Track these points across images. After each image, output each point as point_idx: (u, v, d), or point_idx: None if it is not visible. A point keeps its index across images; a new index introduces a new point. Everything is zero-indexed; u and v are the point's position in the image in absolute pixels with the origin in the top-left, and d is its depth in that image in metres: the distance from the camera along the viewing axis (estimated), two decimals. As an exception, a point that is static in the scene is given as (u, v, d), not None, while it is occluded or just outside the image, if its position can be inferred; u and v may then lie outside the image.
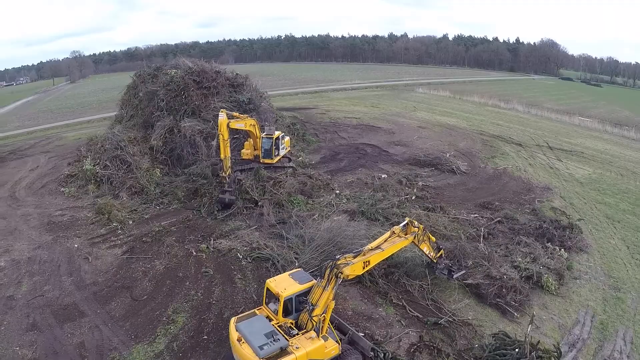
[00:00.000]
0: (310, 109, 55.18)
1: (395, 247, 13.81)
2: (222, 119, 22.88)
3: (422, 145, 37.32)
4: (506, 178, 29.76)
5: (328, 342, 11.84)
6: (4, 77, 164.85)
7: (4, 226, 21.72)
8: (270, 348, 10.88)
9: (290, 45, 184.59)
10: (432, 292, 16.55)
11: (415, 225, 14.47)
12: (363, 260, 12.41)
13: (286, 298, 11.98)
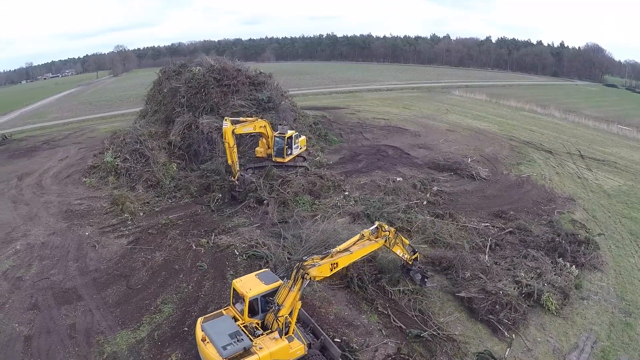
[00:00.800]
0: (341, 109, 55.60)
1: (366, 250, 13.74)
2: (226, 127, 23.44)
3: (446, 149, 36.35)
4: (528, 186, 28.37)
5: (293, 343, 11.97)
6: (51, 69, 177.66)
7: (26, 212, 23.74)
8: (233, 348, 11.12)
9: (332, 44, 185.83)
10: (421, 303, 16.16)
11: (385, 229, 14.34)
12: (331, 262, 12.40)
13: (251, 298, 12.23)
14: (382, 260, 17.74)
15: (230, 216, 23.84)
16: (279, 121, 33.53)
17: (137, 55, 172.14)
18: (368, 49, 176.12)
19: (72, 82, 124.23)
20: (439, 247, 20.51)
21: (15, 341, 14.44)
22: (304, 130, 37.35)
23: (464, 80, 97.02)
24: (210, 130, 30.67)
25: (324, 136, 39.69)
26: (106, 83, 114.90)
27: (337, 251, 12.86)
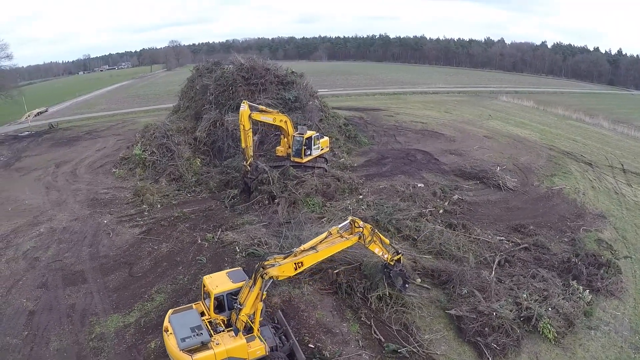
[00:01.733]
0: (380, 110, 55.36)
1: (335, 247, 13.46)
2: (244, 110, 24.08)
3: (478, 156, 34.83)
4: (557, 200, 26.48)
5: (253, 343, 12.17)
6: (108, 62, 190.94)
7: (56, 198, 26.12)
8: (191, 341, 11.59)
9: (384, 45, 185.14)
10: (407, 316, 15.73)
11: (359, 225, 13.89)
12: (294, 262, 12.37)
13: (216, 295, 12.62)
14: (367, 265, 17.43)
15: (241, 213, 24.56)
16: (303, 121, 34.08)
17: (192, 50, 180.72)
18: (420, 51, 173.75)
19: (126, 74, 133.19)
20: (444, 258, 19.79)
21: (20, 315, 16.06)
22: (331, 131, 37.56)
23: (514, 85, 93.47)
24: (235, 127, 31.61)
25: (354, 137, 39.59)
26: (158, 77, 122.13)
27: (301, 250, 12.73)
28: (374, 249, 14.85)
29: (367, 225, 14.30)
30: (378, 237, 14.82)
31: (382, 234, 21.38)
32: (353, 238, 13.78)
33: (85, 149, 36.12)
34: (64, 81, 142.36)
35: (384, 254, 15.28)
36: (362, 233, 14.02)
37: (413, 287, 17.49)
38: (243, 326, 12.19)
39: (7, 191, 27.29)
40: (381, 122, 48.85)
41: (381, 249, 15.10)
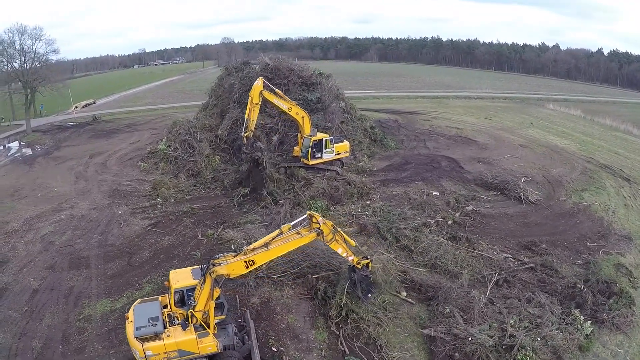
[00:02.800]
0: (417, 114, 54.32)
1: (290, 245, 13.11)
2: (257, 84, 24.56)
3: (507, 165, 33.01)
4: (582, 217, 24.46)
5: (205, 339, 12.54)
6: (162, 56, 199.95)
7: (82, 187, 28.33)
8: (146, 330, 12.21)
9: (436, 47, 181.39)
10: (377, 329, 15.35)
11: (317, 221, 13.26)
12: (244, 260, 12.38)
13: (175, 289, 13.07)
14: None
15: (247, 212, 25.12)
16: (324, 122, 34.21)
17: (245, 48, 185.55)
18: (472, 55, 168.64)
19: (178, 69, 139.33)
20: (438, 273, 19.08)
21: (25, 292, 17.73)
22: (355, 134, 37.31)
23: (565, 93, 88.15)
24: (256, 127, 32.46)
25: (380, 141, 39.04)
26: (208, 73, 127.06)
27: (252, 248, 12.69)
28: (336, 248, 14.15)
29: (327, 222, 13.66)
30: (341, 237, 14.11)
31: (380, 242, 21.68)
32: (310, 235, 13.25)
33: (120, 142, 38.71)
34: (119, 74, 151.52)
35: (348, 255, 14.60)
36: (321, 230, 13.36)
37: (398, 300, 17.11)
38: (197, 322, 12.52)
39: (41, 178, 30.09)
40: (415, 126, 47.86)
41: (345, 250, 14.39)
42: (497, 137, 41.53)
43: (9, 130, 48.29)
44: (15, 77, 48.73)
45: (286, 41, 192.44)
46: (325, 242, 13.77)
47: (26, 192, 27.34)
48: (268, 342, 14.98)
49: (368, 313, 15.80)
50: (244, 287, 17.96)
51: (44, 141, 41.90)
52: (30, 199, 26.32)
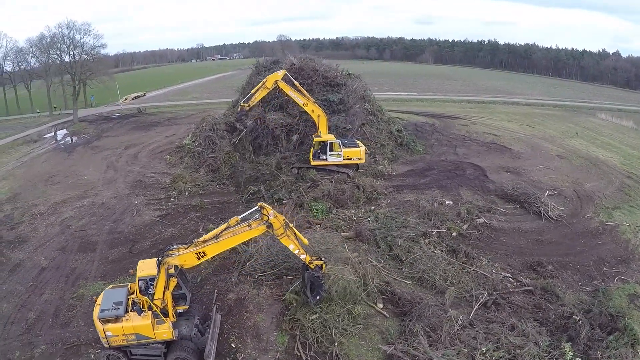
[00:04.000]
0: (457, 119, 52.36)
1: (240, 237, 13.27)
2: (277, 73, 26.24)
3: (537, 176, 30.69)
4: (606, 238, 22.16)
5: (162, 326, 13.17)
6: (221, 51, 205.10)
7: (110, 176, 30.43)
8: (108, 313, 13.07)
9: (492, 51, 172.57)
10: (339, 338, 14.98)
11: (268, 214, 13.11)
12: (195, 252, 12.77)
13: (139, 278, 13.61)
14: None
15: (252, 209, 25.56)
16: (344, 124, 33.86)
17: (302, 46, 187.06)
18: (529, 60, 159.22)
19: (233, 65, 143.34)
20: (424, 287, 18.25)
21: (34, 269, 19.52)
22: (380, 137, 36.47)
23: (621, 103, 79.79)
24: (275, 126, 32.97)
25: (406, 145, 37.89)
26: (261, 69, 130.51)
27: (203, 240, 13.00)
28: (287, 244, 13.99)
29: (278, 216, 13.46)
30: (292, 233, 13.88)
31: (373, 249, 21.07)
32: (260, 227, 13.19)
33: (157, 135, 40.96)
34: (175, 68, 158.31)
35: (300, 253, 14.30)
36: (272, 224, 13.23)
37: (372, 312, 16.60)
38: (145, 307, 13.12)
39: (75, 166, 32.79)
40: (451, 130, 45.99)
41: (297, 247, 14.12)
42: (535, 145, 38.68)
43: (60, 118, 52.85)
44: (64, 69, 53.29)
45: (342, 40, 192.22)
46: (275, 235, 13.66)
47: (59, 179, 29.98)
48: (230, 337, 15.29)
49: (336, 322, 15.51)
50: (226, 282, 18.44)
51: (88, 131, 45.48)
52: (61, 185, 28.82)
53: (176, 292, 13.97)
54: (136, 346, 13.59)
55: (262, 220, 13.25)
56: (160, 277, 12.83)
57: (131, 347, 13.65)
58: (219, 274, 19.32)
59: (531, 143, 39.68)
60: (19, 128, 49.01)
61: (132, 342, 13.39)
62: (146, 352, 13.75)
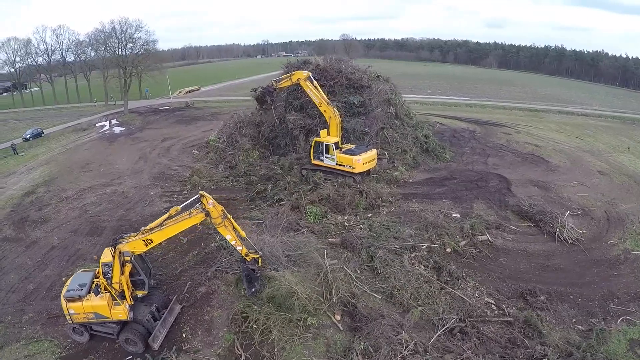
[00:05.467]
0: (502, 126, 48.85)
1: (182, 225, 13.81)
2: (302, 72, 27.32)
3: (568, 193, 27.35)
4: (625, 270, 19.06)
5: (118, 307, 14.22)
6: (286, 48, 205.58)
7: (138, 167, 32.36)
8: (72, 293, 14.36)
9: (558, 57, 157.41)
10: (282, 344, 14.55)
11: (207, 202, 13.53)
12: (143, 239, 13.58)
13: (102, 263, 14.48)
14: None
15: (253, 208, 25.76)
16: (362, 127, 32.81)
17: (366, 45, 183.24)
18: (596, 68, 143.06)
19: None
20: (393, 303, 17.09)
21: (46, 247, 21.57)
22: (402, 142, 34.79)
23: None
24: (294, 126, 32.90)
25: (432, 151, 35.79)
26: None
27: (149, 228, 13.70)
28: (224, 234, 14.39)
29: (217, 206, 13.83)
30: (230, 224, 14.26)
31: (354, 258, 20.14)
32: (199, 215, 13.71)
33: (196, 129, 42.75)
34: (239, 63, 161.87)
35: (237, 245, 14.59)
36: (209, 212, 13.67)
37: (328, 322, 15.92)
38: (114, 292, 14.16)
39: (112, 155, 35.37)
40: (490, 139, 42.70)
41: (234, 238, 14.44)
42: (577, 159, 34.49)
43: (114, 109, 57.11)
44: (116, 63, 57.57)
45: (407, 41, 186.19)
46: (214, 225, 14.11)
47: (94, 166, 32.60)
48: (184, 328, 15.73)
49: (283, 327, 15.19)
50: (201, 276, 18.83)
51: (134, 122, 48.77)
52: (94, 173, 31.31)
53: (135, 278, 14.96)
54: (95, 324, 14.74)
55: (201, 208, 13.74)
56: (115, 263, 13.75)
57: (91, 324, 14.83)
58: (199, 267, 19.76)
59: (573, 156, 35.46)
60: (75, 116, 54.03)
61: (91, 321, 14.51)
62: (103, 330, 14.96)
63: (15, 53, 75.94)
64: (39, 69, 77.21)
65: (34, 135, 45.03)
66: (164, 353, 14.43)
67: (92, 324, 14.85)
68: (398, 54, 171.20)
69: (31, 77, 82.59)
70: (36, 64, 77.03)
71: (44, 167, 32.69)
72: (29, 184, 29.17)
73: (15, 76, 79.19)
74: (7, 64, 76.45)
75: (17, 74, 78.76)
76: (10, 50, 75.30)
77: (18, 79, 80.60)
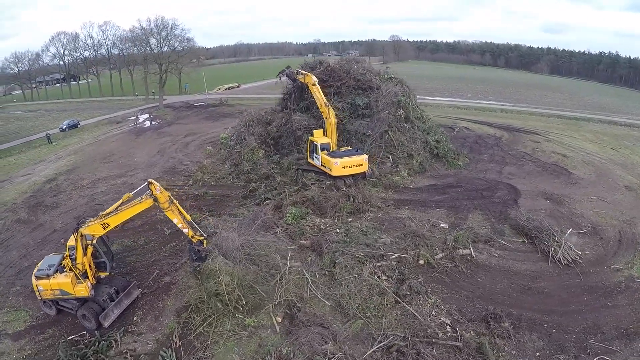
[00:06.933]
0: (532, 134, 45.37)
1: (134, 209, 14.77)
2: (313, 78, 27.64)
3: (582, 209, 24.32)
4: (622, 300, 16.35)
5: (80, 285, 15.23)
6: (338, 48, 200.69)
7: (154, 161, 33.54)
8: (42, 272, 15.70)
9: (612, 64, 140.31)
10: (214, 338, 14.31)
11: (155, 189, 14.49)
12: (100, 223, 14.49)
13: (68, 247, 15.42)
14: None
15: (241, 206, 25.38)
16: (364, 130, 31.26)
17: (418, 47, 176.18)
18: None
19: None
20: (340, 312, 15.90)
21: (49, 230, 23.22)
22: (409, 146, 32.69)
23: None
24: (299, 127, 32.21)
25: (443, 157, 33.28)
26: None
27: (106, 213, 14.64)
28: (172, 217, 15.41)
29: (164, 192, 14.72)
30: (176, 208, 15.29)
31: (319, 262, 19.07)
32: (148, 200, 14.70)
33: (222, 125, 43.23)
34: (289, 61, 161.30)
35: (183, 227, 15.60)
36: (157, 198, 14.64)
37: (268, 323, 15.32)
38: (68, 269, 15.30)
39: (135, 148, 36.90)
40: (515, 146, 39.23)
41: (180, 221, 15.45)
42: (604, 172, 30.35)
43: (153, 103, 59.39)
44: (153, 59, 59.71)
45: (458, 44, 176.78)
46: (161, 209, 15.13)
47: (115, 158, 34.23)
48: (137, 312, 16.21)
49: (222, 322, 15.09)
50: (170, 267, 19.05)
51: (167, 117, 50.35)
52: (113, 164, 32.86)
53: (97, 260, 16.12)
54: (61, 300, 15.87)
55: (150, 194, 14.71)
56: (78, 245, 14.72)
57: (57, 300, 15.96)
58: (172, 258, 19.95)
59: (602, 169, 31.23)
60: (114, 109, 57.11)
61: (57, 297, 15.66)
62: (67, 305, 16.02)
63: (65, 47, 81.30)
64: (86, 63, 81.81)
65: (70, 126, 47.84)
66: (111, 332, 15.04)
67: (58, 300, 15.95)
68: (449, 57, 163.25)
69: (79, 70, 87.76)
70: (83, 57, 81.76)
71: (71, 157, 34.96)
72: (53, 172, 31.43)
73: (64, 69, 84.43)
74: (57, 57, 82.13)
75: (66, 66, 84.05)
76: (60, 44, 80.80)
77: (67, 71, 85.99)
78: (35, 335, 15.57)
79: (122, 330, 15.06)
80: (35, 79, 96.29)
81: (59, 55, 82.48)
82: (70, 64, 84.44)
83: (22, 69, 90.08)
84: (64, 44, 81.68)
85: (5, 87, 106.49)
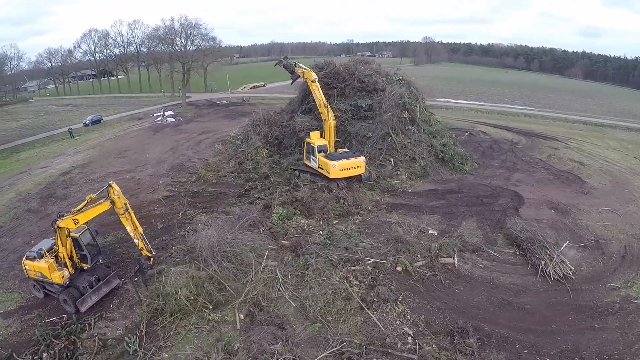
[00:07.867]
0: (551, 140, 42.69)
1: (96, 209, 15.39)
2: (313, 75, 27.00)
3: (590, 220, 22.44)
4: (612, 323, 14.76)
5: (56, 272, 16.13)
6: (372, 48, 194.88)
7: (165, 157, 34.26)
8: (32, 253, 16.87)
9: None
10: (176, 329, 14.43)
11: (114, 193, 15.01)
12: (72, 218, 15.16)
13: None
14: None
15: (235, 204, 25.24)
16: (365, 132, 30.29)
17: (451, 49, 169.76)
18: None
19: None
20: (302, 314, 15.38)
21: (49, 218, 23.48)
22: (413, 150, 31.32)
23: None
24: (301, 129, 31.71)
25: (448, 161, 31.61)
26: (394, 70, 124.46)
27: (77, 210, 15.28)
28: (125, 224, 15.92)
29: (122, 197, 15.25)
30: (130, 216, 15.68)
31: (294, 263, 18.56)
32: (106, 203, 15.35)
33: (237, 124, 43.16)
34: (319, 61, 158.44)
35: (135, 237, 16.05)
36: (114, 202, 15.23)
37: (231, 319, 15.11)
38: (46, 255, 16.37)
39: (150, 144, 37.76)
40: (531, 152, 36.86)
41: (132, 231, 15.94)
42: (622, 182, 27.69)
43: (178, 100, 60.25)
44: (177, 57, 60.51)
45: (492, 47, 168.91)
46: (117, 213, 15.61)
47: (129, 154, 35.23)
48: (115, 300, 16.71)
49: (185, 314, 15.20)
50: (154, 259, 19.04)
51: (187, 114, 50.95)
52: (126, 159, 33.83)
53: (80, 252, 16.91)
54: (48, 284, 16.81)
55: (107, 197, 15.33)
56: (57, 236, 15.81)
57: (45, 284, 16.90)
58: (158, 251, 20.09)
59: (619, 178, 28.51)
60: (140, 105, 58.56)
61: (37, 278, 16.73)
62: (52, 289, 16.89)
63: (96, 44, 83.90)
64: (116, 60, 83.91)
65: (93, 122, 49.18)
66: (87, 316, 15.65)
67: (46, 284, 16.89)
68: (482, 60, 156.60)
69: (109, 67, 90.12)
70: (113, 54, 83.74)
71: (88, 151, 36.33)
72: (69, 165, 32.84)
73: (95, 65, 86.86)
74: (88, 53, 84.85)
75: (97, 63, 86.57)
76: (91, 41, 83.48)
77: (97, 67, 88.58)
78: (23, 315, 16.51)
79: (97, 316, 15.68)
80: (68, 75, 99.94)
81: (90, 51, 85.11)
82: (101, 60, 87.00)
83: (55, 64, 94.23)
84: (95, 41, 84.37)
85: (40, 82, 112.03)
